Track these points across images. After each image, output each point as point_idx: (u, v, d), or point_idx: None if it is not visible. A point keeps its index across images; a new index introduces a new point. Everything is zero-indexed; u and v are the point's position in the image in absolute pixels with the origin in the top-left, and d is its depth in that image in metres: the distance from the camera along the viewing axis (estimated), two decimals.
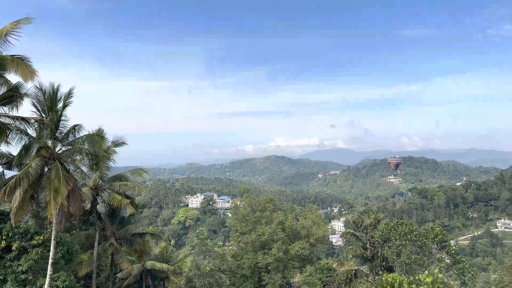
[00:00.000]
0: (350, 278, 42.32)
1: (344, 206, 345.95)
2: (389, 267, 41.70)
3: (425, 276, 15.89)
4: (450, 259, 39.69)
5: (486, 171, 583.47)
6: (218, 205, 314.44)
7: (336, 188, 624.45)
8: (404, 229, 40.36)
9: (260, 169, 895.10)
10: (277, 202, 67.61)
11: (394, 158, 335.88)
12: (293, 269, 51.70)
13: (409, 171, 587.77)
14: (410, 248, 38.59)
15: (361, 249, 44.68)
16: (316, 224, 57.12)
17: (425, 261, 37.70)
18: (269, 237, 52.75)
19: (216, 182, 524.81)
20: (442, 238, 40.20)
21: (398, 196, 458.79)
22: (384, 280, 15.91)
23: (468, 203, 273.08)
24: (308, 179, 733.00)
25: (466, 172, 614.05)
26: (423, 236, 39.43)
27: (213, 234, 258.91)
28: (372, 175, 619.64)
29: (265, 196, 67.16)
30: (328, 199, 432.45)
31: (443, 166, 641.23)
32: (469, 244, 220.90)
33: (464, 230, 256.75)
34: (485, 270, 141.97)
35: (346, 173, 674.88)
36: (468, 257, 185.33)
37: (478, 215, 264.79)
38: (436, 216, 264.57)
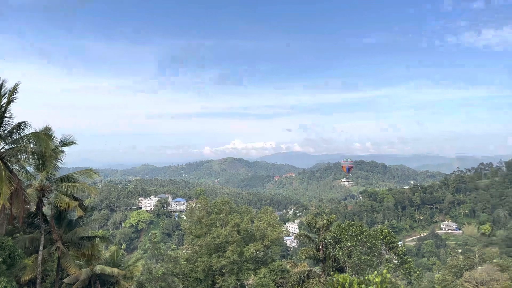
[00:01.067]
0: (302, 279, 42.93)
1: (298, 208, 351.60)
2: (340, 267, 42.80)
3: (374, 276, 16.36)
4: (398, 260, 41.37)
5: (432, 175, 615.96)
6: (173, 207, 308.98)
7: (292, 191, 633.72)
8: (355, 231, 41.60)
9: (217, 171, 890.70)
10: (233, 204, 67.41)
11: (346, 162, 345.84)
12: (248, 271, 51.72)
13: (361, 175, 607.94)
14: (361, 249, 39.83)
15: (314, 250, 45.53)
16: (271, 226, 57.54)
17: (374, 261, 39.04)
18: (224, 240, 52.47)
19: (171, 184, 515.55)
20: (391, 239, 41.85)
21: (350, 198, 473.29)
22: (335, 281, 16.23)
23: (415, 205, 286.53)
24: (264, 182, 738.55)
25: (414, 176, 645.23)
26: (372, 237, 40.82)
27: (167, 238, 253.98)
28: (326, 178, 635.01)
29: (221, 198, 66.75)
30: (283, 201, 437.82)
31: (392, 170, 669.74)
32: (415, 245, 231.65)
33: (411, 232, 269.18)
34: (430, 270, 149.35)
35: (301, 176, 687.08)
36: (415, 257, 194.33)
37: (424, 217, 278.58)
38: (385, 218, 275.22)
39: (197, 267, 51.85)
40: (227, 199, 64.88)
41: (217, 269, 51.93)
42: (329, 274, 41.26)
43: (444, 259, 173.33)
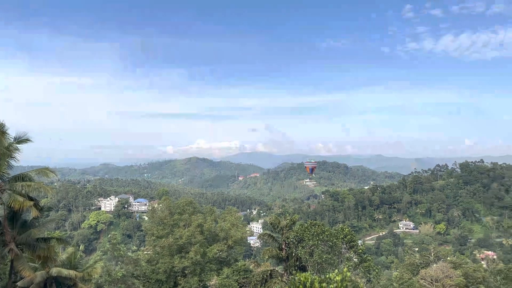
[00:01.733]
0: (265, 279, 43.19)
1: (263, 208, 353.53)
2: (302, 266, 43.40)
3: (335, 274, 16.67)
4: (358, 258, 42.48)
5: (391, 176, 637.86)
6: (134, 208, 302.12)
7: (256, 191, 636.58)
8: (317, 230, 42.34)
9: (181, 171, 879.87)
10: (197, 205, 66.90)
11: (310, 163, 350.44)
12: (210, 271, 51.49)
13: (323, 175, 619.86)
14: (322, 248, 40.59)
15: (277, 250, 45.91)
16: (235, 226, 57.57)
17: (335, 260, 39.89)
18: (187, 240, 51.94)
19: (132, 184, 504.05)
20: (351, 238, 42.93)
21: (313, 198, 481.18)
22: (297, 280, 16.42)
23: (374, 205, 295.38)
24: (229, 182, 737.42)
25: (373, 176, 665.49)
26: (333, 236, 41.70)
27: (127, 239, 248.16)
28: (289, 178, 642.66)
29: (185, 199, 65.99)
30: (248, 201, 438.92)
31: (353, 171, 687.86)
32: (374, 243, 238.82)
33: (370, 231, 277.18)
34: (388, 268, 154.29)
35: (266, 176, 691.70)
36: (374, 256, 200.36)
37: (383, 217, 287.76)
38: (346, 217, 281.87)
39: (159, 269, 51.07)
40: (190, 199, 64.29)
41: (179, 270, 51.34)
42: (292, 273, 41.76)
43: (401, 257, 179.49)
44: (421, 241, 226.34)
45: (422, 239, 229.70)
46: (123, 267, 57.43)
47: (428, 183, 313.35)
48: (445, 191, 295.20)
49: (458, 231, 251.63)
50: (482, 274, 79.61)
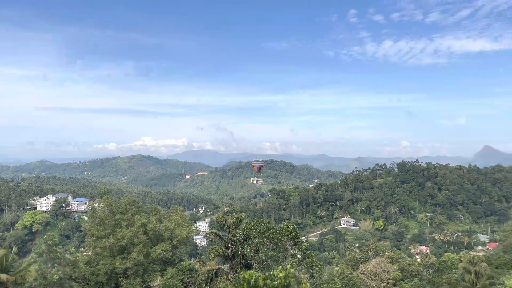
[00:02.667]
0: (210, 278, 42.91)
1: (210, 206, 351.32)
2: (248, 264, 43.60)
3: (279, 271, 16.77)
4: (301, 254, 43.41)
5: (334, 175, 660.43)
6: (73, 207, 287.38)
7: (203, 189, 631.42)
8: (263, 228, 42.71)
9: (124, 169, 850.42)
10: (141, 204, 65.05)
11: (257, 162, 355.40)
12: (154, 272, 50.26)
13: (270, 173, 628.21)
14: (267, 245, 40.98)
15: (223, 248, 45.77)
16: (181, 226, 56.63)
17: (280, 257, 40.46)
18: (129, 241, 50.30)
19: (71, 183, 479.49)
20: (295, 235, 43.78)
21: (260, 196, 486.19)
22: (242, 278, 16.32)
23: (318, 203, 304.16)
24: (175, 180, 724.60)
25: (318, 175, 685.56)
26: (279, 233, 42.28)
27: (65, 240, 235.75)
28: (237, 177, 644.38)
29: (128, 198, 63.84)
30: (194, 200, 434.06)
31: (299, 169, 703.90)
32: (318, 240, 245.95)
33: (314, 227, 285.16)
34: (330, 263, 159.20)
35: (213, 174, 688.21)
36: (317, 252, 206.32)
37: (326, 214, 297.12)
38: (291, 214, 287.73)
39: (99, 270, 49.01)
40: (134, 199, 62.36)
41: (121, 272, 49.58)
42: (237, 272, 41.81)
43: (343, 252, 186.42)
44: (361, 237, 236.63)
45: (362, 235, 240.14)
46: (60, 269, 54.38)
47: (368, 181, 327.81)
48: (384, 189, 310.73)
49: (395, 227, 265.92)
50: (416, 268, 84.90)
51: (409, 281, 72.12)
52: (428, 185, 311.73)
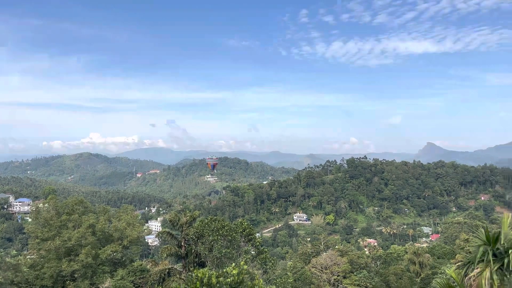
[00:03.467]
0: (163, 277, 42.14)
1: (162, 205, 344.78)
2: (201, 262, 43.30)
3: (232, 268, 16.77)
4: (255, 251, 43.75)
5: (287, 171, 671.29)
6: (15, 208, 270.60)
7: (156, 188, 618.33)
8: (217, 225, 42.55)
9: (70, 168, 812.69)
10: (89, 204, 62.55)
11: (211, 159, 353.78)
12: (103, 274, 48.59)
13: (225, 171, 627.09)
14: (221, 243, 40.90)
15: (176, 248, 45.08)
16: (131, 226, 55.13)
17: (234, 254, 40.50)
18: (76, 242, 48.24)
19: (13, 182, 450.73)
20: (249, 232, 44.04)
21: (214, 194, 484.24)
22: (194, 276, 16.17)
23: (272, 199, 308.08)
24: (126, 179, 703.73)
25: (272, 172, 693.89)
26: (233, 230, 42.33)
27: (7, 243, 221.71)
28: (191, 174, 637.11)
29: (74, 198, 61.03)
30: (146, 199, 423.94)
31: (253, 167, 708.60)
32: (271, 235, 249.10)
33: (268, 224, 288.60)
34: (283, 258, 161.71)
35: (166, 172, 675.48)
36: (270, 247, 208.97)
37: (280, 210, 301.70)
38: (245, 211, 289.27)
39: (44, 274, 46.63)
40: (81, 198, 59.76)
41: (68, 274, 47.47)
42: (190, 270, 41.36)
43: (295, 247, 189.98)
44: (313, 231, 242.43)
45: (314, 230, 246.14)
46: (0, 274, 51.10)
47: (319, 177, 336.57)
48: (334, 185, 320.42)
49: (345, 221, 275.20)
50: (365, 260, 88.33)
51: (358, 273, 74.87)
52: (376, 180, 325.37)
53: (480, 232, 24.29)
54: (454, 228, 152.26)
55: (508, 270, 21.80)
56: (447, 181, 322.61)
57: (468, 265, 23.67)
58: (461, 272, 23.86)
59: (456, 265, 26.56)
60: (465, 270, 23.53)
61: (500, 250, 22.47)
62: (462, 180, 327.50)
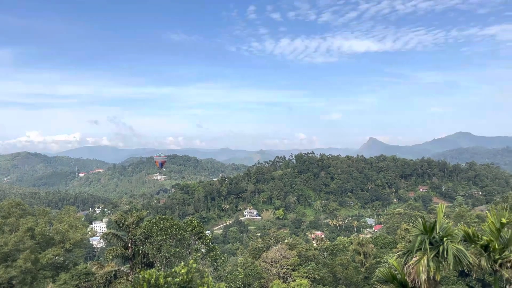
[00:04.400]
0: (109, 280, 40.70)
1: (107, 206, 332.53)
2: (150, 263, 42.30)
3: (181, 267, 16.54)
4: (205, 248, 43.46)
5: (237, 168, 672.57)
6: None
7: (100, 188, 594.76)
8: (165, 224, 41.72)
9: (6, 168, 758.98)
10: (27, 206, 59.04)
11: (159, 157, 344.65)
12: (44, 279, 46.14)
13: (174, 168, 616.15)
14: (170, 242, 40.19)
15: (122, 249, 43.66)
16: (74, 228, 52.75)
17: (183, 253, 39.95)
18: (14, 247, 45.36)
19: None
20: (199, 230, 43.62)
21: (163, 192, 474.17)
22: (141, 278, 15.78)
23: (222, 196, 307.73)
24: (67, 179, 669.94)
25: (222, 168, 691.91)
26: (182, 229, 41.71)
27: None
28: (138, 173, 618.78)
29: (11, 200, 57.27)
30: (90, 199, 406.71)
31: (203, 164, 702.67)
32: (222, 232, 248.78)
33: (218, 220, 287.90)
34: (234, 254, 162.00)
35: (111, 172, 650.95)
36: (221, 244, 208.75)
37: (230, 206, 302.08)
38: (196, 209, 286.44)
39: None
40: (18, 200, 56.20)
41: (4, 282, 44.46)
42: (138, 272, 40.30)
43: (246, 243, 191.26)
44: (263, 226, 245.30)
45: (264, 225, 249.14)
46: None
47: (269, 173, 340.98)
48: (283, 180, 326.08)
49: (294, 215, 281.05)
50: (312, 252, 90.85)
51: (306, 265, 76.85)
52: (322, 174, 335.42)
53: (418, 222, 25.79)
54: (395, 219, 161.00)
55: (443, 257, 23.38)
56: (388, 174, 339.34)
57: (408, 253, 25.09)
58: (402, 261, 25.26)
59: (397, 254, 28.00)
60: (405, 259, 24.92)
61: (436, 239, 24.04)
62: (402, 173, 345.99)
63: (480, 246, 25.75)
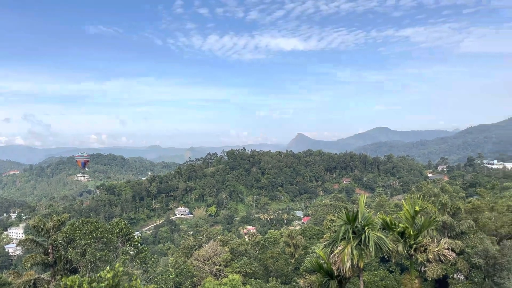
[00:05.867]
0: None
1: (24, 210, 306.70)
2: (73, 268, 39.88)
3: (106, 272, 15.86)
4: (134, 250, 41.96)
5: (168, 166, 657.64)
6: None
7: (16, 191, 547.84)
8: (90, 227, 39.59)
9: None
10: None
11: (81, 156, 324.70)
12: None
13: (98, 168, 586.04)
14: (96, 246, 38.25)
15: (42, 255, 40.58)
16: None
17: (110, 256, 38.25)
18: None
19: None
20: (127, 231, 42.00)
21: (87, 194, 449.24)
22: (63, 285, 14.82)
23: (152, 195, 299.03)
24: None
25: (151, 167, 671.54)
26: (108, 231, 39.89)
27: None
28: (58, 174, 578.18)
29: None
30: (4, 203, 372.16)
31: (131, 162, 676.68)
32: (152, 233, 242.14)
33: (148, 221, 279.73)
34: (165, 254, 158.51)
35: (28, 173, 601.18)
36: (151, 245, 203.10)
37: (161, 206, 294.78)
38: (123, 210, 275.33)
39: None
40: None
41: None
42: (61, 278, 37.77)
43: (178, 242, 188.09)
44: (195, 224, 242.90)
45: (196, 223, 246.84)
46: None
47: (201, 170, 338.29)
48: (215, 177, 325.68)
49: (226, 212, 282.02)
50: (245, 247, 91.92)
51: (238, 260, 77.61)
52: (254, 170, 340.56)
53: (341, 213, 27.23)
54: (322, 210, 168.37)
55: (365, 245, 24.97)
56: (315, 168, 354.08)
57: (333, 243, 26.44)
58: (328, 250, 26.56)
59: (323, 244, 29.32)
60: (330, 248, 26.23)
61: (359, 228, 25.61)
62: (328, 166, 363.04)
63: (397, 233, 27.96)
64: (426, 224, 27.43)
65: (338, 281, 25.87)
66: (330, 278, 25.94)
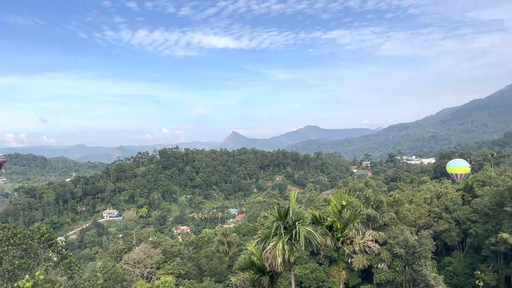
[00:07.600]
0: None
1: None
2: None
3: (25, 281, 14.80)
4: (58, 256, 39.38)
5: (94, 166, 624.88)
6: None
7: None
8: (7, 234, 36.38)
9: None
10: None
11: None
12: None
13: (16, 170, 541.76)
14: (14, 253, 35.29)
15: None
16: None
17: (30, 264, 35.55)
18: None
19: None
20: (49, 237, 39.23)
21: (3, 197, 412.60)
22: None
23: (77, 197, 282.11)
24: None
25: (76, 167, 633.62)
26: (28, 237, 37.02)
27: None
28: None
29: None
30: None
31: (53, 163, 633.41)
32: (78, 237, 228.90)
33: (73, 225, 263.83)
34: (93, 259, 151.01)
35: None
36: (77, 250, 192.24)
37: (87, 208, 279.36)
38: (45, 214, 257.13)
39: None
40: None
41: None
42: None
43: (106, 246, 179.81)
44: (125, 227, 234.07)
45: (126, 225, 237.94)
46: None
47: (130, 170, 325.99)
48: (147, 177, 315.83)
49: (158, 212, 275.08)
50: (178, 248, 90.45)
51: (171, 262, 76.19)
52: (187, 169, 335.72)
53: (274, 209, 27.88)
54: (256, 207, 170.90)
55: (296, 239, 25.82)
56: (249, 166, 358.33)
57: (265, 239, 27.01)
58: (260, 247, 27.08)
59: (255, 241, 29.81)
60: (263, 245, 26.77)
61: (290, 223, 26.42)
62: (261, 164, 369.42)
63: (326, 227, 29.32)
64: (352, 218, 29.06)
65: (270, 276, 26.50)
66: (262, 274, 26.49)
